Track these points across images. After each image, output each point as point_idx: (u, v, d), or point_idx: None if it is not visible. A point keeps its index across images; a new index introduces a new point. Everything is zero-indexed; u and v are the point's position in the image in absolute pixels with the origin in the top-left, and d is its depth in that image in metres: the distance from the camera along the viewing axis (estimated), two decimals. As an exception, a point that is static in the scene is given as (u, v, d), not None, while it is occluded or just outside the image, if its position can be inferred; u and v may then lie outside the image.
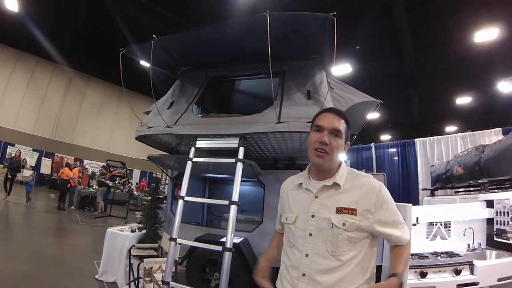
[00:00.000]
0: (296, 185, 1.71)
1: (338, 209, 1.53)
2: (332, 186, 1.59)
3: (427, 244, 3.95)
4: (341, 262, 1.48)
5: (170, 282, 3.21)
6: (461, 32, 9.91)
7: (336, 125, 1.60)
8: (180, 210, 3.32)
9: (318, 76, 3.57)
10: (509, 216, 3.70)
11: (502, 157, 4.03)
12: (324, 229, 1.52)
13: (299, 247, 1.56)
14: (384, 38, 10.56)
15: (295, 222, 1.62)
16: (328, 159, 1.58)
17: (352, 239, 1.50)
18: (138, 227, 5.00)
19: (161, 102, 4.31)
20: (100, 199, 12.36)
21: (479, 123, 9.03)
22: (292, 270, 1.56)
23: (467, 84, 12.90)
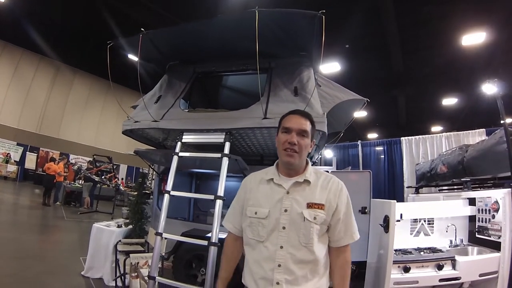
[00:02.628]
0: (265, 180, 1.78)
1: (309, 204, 1.65)
2: (303, 183, 1.71)
3: (411, 240, 4.03)
4: (312, 252, 1.62)
5: (156, 277, 3.20)
6: (448, 36, 10.09)
7: (303, 126, 1.72)
8: (166, 204, 3.31)
9: (305, 73, 3.61)
10: (491, 213, 3.78)
11: (485, 157, 4.12)
12: (297, 222, 1.63)
13: (273, 240, 1.64)
14: (374, 39, 10.67)
15: (268, 217, 1.67)
16: (297, 157, 1.69)
17: (320, 232, 1.65)
18: (124, 222, 4.95)
19: (148, 96, 4.28)
20: (86, 195, 12.15)
21: (464, 124, 9.24)
22: (266, 263, 1.63)
23: (453, 86, 13.14)
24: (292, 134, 1.70)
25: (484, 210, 3.92)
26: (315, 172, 1.78)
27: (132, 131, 3.99)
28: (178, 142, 3.49)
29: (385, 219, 3.36)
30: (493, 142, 4.00)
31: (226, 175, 3.29)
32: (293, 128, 1.71)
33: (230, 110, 3.61)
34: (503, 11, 8.95)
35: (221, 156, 3.26)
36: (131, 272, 3.89)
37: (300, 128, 1.71)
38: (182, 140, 3.51)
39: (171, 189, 3.36)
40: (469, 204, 4.13)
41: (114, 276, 4.23)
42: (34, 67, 18.77)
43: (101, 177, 12.88)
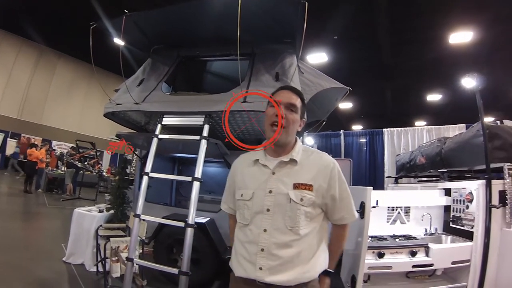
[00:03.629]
0: (252, 161, 1.71)
1: (296, 185, 1.57)
2: (289, 162, 1.62)
3: (387, 227, 4.12)
4: (299, 236, 1.53)
5: (134, 258, 3.20)
6: (437, 32, 10.21)
7: (292, 100, 1.65)
8: (145, 186, 3.31)
9: (288, 59, 3.63)
10: (465, 204, 3.88)
11: (462, 149, 4.21)
12: (282, 204, 1.55)
13: (257, 223, 1.57)
14: (363, 30, 10.70)
15: (252, 198, 1.62)
16: (284, 132, 1.61)
17: (309, 214, 1.56)
18: (106, 207, 4.92)
19: (131, 79, 4.26)
20: (68, 181, 12.00)
21: (448, 119, 9.38)
22: (250, 246, 1.57)
23: (438, 82, 13.36)
24: (281, 107, 1.62)
25: (458, 201, 4.03)
26: (305, 150, 1.69)
27: (113, 113, 3.96)
28: (158, 125, 3.49)
29: (361, 205, 3.43)
30: (470, 135, 4.09)
31: (208, 160, 3.30)
32: (281, 101, 1.64)
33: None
34: (490, 12, 9.11)
35: (200, 139, 3.26)
36: (112, 256, 3.87)
37: (289, 102, 1.64)
38: (162, 123, 3.50)
39: (150, 171, 3.33)
40: (445, 195, 4.24)
41: (96, 262, 4.21)
42: (16, 51, 18.05)
43: (84, 163, 12.69)
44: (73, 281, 4.04)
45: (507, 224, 3.51)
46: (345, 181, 1.69)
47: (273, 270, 1.50)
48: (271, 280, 1.49)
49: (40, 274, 4.08)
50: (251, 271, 1.54)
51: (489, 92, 11.58)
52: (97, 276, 4.19)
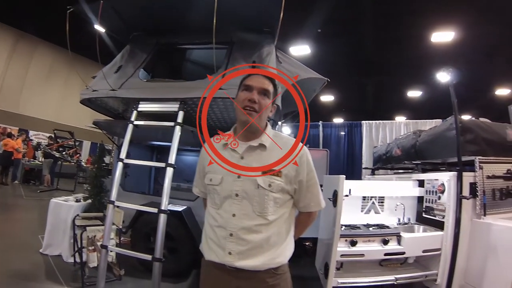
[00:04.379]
0: (221, 145, 1.69)
1: (264, 170, 1.56)
2: (258, 147, 1.62)
3: (361, 217, 4.22)
4: (267, 221, 1.53)
5: (109, 246, 3.18)
6: (420, 31, 10.33)
7: (265, 85, 1.63)
8: (119, 173, 3.28)
9: (266, 48, 3.66)
10: (437, 195, 4.00)
11: (435, 142, 4.33)
12: (250, 189, 1.54)
13: (226, 208, 1.57)
14: (347, 25, 10.75)
15: (221, 183, 1.60)
16: (257, 117, 1.60)
17: (278, 200, 1.56)
18: (83, 196, 4.84)
19: (109, 66, 4.21)
20: (46, 172, 11.68)
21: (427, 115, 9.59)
22: (219, 230, 1.56)
23: (419, 79, 13.58)
24: (253, 92, 1.60)
25: (431, 192, 4.14)
26: (275, 136, 1.68)
27: (90, 100, 3.91)
28: (134, 111, 3.46)
29: (334, 193, 3.49)
30: (444, 128, 4.20)
31: (186, 148, 3.30)
32: (254, 86, 1.61)
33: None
34: (471, 14, 9.32)
35: (174, 125, 3.25)
36: (88, 245, 3.84)
37: (262, 87, 1.62)
38: (138, 109, 3.48)
39: (125, 158, 3.31)
40: (419, 186, 4.35)
41: (73, 252, 4.15)
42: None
43: (62, 153, 12.40)
44: (50, 273, 3.96)
45: (477, 215, 3.64)
46: (314, 169, 1.68)
47: (243, 255, 1.50)
48: (240, 265, 1.50)
49: (16, 266, 3.99)
50: (220, 256, 1.54)
51: (468, 91, 11.96)
52: (75, 267, 4.13)
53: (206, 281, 1.66)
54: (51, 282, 3.74)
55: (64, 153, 12.66)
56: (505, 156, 3.97)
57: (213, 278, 1.61)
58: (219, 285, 1.58)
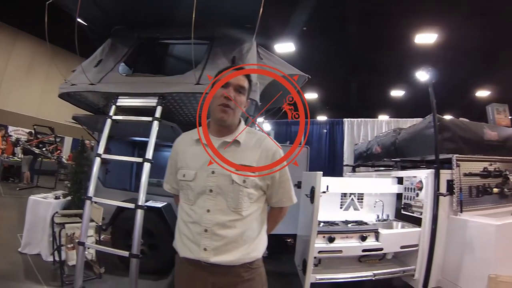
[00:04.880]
0: (194, 140, 1.69)
1: (239, 166, 1.56)
2: (233, 143, 1.62)
3: (340, 213, 4.26)
4: (241, 217, 1.55)
5: (86, 242, 3.14)
6: (404, 31, 10.48)
7: (241, 82, 1.64)
8: (97, 168, 3.24)
9: (246, 44, 3.67)
10: (415, 192, 4.07)
11: (414, 139, 4.41)
12: (225, 185, 1.54)
13: (201, 204, 1.56)
14: (333, 23, 10.81)
15: (194, 179, 1.59)
16: (232, 114, 1.60)
17: (252, 195, 1.58)
18: (62, 193, 4.75)
19: (89, 60, 4.14)
20: (25, 169, 11.37)
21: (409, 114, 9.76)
22: (194, 226, 1.56)
23: (403, 79, 13.76)
24: (230, 88, 1.60)
25: (409, 189, 4.20)
26: (248, 132, 1.68)
27: (69, 94, 3.85)
28: (112, 106, 3.42)
29: (311, 190, 3.51)
30: (423, 126, 4.28)
31: (167, 144, 3.28)
32: (230, 82, 1.61)
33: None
34: (454, 17, 9.52)
35: (152, 120, 3.23)
36: (67, 243, 3.78)
37: (238, 84, 1.62)
38: (117, 104, 3.44)
39: (103, 153, 3.27)
40: (398, 183, 4.41)
41: (52, 251, 4.06)
42: (-34, 27, 16.72)
43: (42, 149, 12.11)
44: (29, 272, 3.88)
45: (454, 212, 3.73)
46: (286, 167, 1.71)
47: (218, 250, 1.51)
48: (215, 261, 1.50)
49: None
50: (195, 252, 1.53)
51: (450, 92, 12.23)
52: (54, 265, 4.03)
53: (181, 278, 1.65)
54: (30, 282, 3.66)
55: (44, 149, 12.35)
56: (482, 154, 4.08)
57: (188, 275, 1.60)
58: (195, 282, 1.57)
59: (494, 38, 10.43)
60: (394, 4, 9.48)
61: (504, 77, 12.75)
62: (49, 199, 4.52)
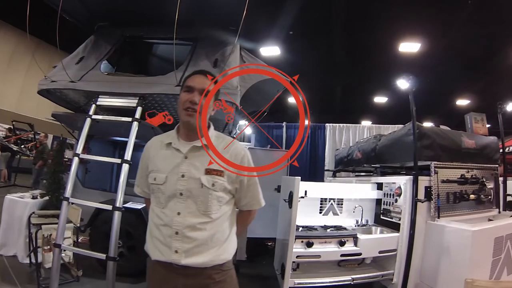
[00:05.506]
0: (165, 144, 1.70)
1: (207, 170, 1.59)
2: (202, 148, 1.64)
3: (319, 218, 4.28)
4: (211, 219, 1.58)
5: (62, 244, 3.07)
6: (388, 39, 10.66)
7: (205, 85, 1.65)
8: (75, 168, 3.18)
9: (230, 47, 3.67)
10: (394, 198, 4.14)
11: (394, 146, 4.46)
12: (194, 188, 1.58)
13: (171, 207, 1.59)
14: (318, 28, 10.88)
15: (165, 183, 1.62)
16: (198, 118, 1.62)
17: (221, 199, 1.62)
18: (40, 193, 4.63)
19: (71, 56, 4.08)
20: (3, 166, 11.07)
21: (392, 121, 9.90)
22: (165, 229, 1.58)
23: (386, 86, 14.00)
24: (194, 93, 1.62)
25: (389, 195, 4.27)
26: (217, 137, 1.73)
27: (48, 91, 3.77)
28: (92, 105, 3.36)
29: (289, 194, 3.52)
30: (403, 133, 4.33)
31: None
32: (195, 87, 1.64)
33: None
34: (436, 29, 9.75)
35: (132, 121, 3.19)
36: (44, 245, 3.69)
37: (202, 87, 1.64)
38: (97, 103, 3.39)
39: (82, 152, 3.20)
40: (378, 189, 4.47)
41: (28, 252, 3.97)
42: None
43: (20, 146, 11.80)
44: (4, 274, 3.79)
45: (431, 217, 3.79)
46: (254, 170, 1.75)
47: (189, 252, 1.54)
48: (187, 263, 1.53)
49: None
50: (167, 254, 1.55)
51: (432, 99, 12.51)
52: (30, 268, 3.95)
53: (153, 281, 1.66)
54: (6, 284, 3.58)
55: (22, 146, 12.05)
56: (460, 162, 4.16)
57: (160, 278, 1.61)
58: (167, 284, 1.58)
59: (475, 49, 10.73)
60: (380, 11, 9.63)
61: (483, 86, 13.15)
62: (26, 199, 4.42)
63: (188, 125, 1.63)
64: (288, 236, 3.38)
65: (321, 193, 4.29)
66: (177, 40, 3.63)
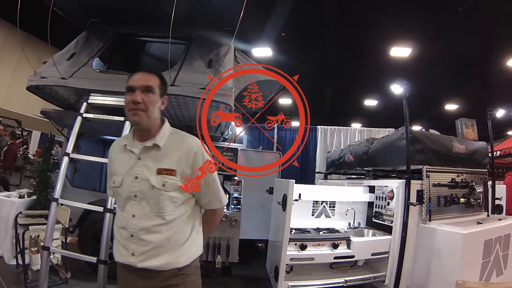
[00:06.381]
0: (122, 147, 1.68)
1: (159, 170, 1.56)
2: (153, 147, 1.61)
3: (312, 221, 4.29)
4: (166, 221, 1.55)
5: (51, 247, 2.99)
6: (380, 43, 10.77)
7: (147, 82, 1.59)
8: (65, 168, 3.10)
9: (224, 48, 3.64)
10: (386, 201, 4.19)
11: (386, 150, 4.48)
12: (146, 190, 1.55)
13: (128, 209, 1.58)
14: (310, 30, 10.92)
15: (121, 185, 1.61)
16: (144, 116, 1.56)
17: (175, 199, 1.57)
18: (27, 192, 4.51)
19: (61, 52, 3.98)
20: (-12, 163, 10.81)
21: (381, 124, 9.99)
22: (123, 231, 1.59)
23: (376, 89, 14.13)
24: (136, 92, 1.56)
25: (381, 198, 4.32)
26: (172, 134, 1.68)
27: (38, 88, 3.68)
28: (83, 103, 3.29)
29: (283, 197, 3.52)
30: (395, 137, 4.36)
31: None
32: (135, 86, 1.57)
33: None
34: (426, 34, 9.90)
35: (124, 120, 3.14)
36: (31, 246, 3.60)
37: (144, 85, 1.57)
38: (88, 101, 3.31)
39: (72, 152, 3.13)
40: (370, 192, 4.51)
41: (15, 253, 3.86)
42: None
43: (7, 143, 11.49)
44: (-10, 276, 3.67)
45: (423, 220, 3.82)
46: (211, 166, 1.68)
47: (145, 255, 1.52)
48: (143, 265, 1.53)
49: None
50: (125, 256, 1.57)
51: (421, 103, 12.66)
52: (17, 269, 3.85)
53: (119, 282, 1.69)
54: (-8, 286, 3.47)
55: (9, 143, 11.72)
56: (450, 166, 4.22)
57: (122, 279, 1.64)
58: (127, 286, 1.61)
59: (465, 55, 10.92)
60: (372, 15, 9.71)
61: (471, 92, 13.38)
62: (12, 198, 4.32)
63: (135, 123, 1.60)
64: (282, 239, 3.37)
65: (314, 195, 4.30)
66: (171, 39, 3.60)
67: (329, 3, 9.22)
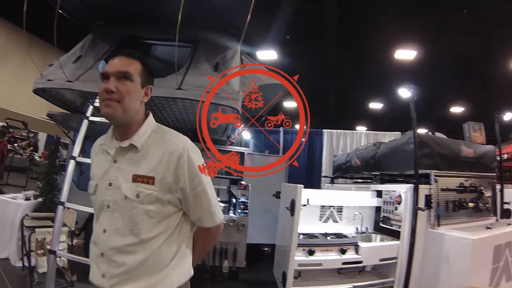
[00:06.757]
0: (99, 147, 1.43)
1: (134, 176, 1.27)
2: (130, 148, 1.31)
3: (320, 225, 4.24)
4: (140, 240, 1.25)
5: (57, 250, 2.97)
6: (385, 46, 10.72)
7: (123, 67, 1.28)
8: (71, 171, 3.09)
9: (230, 51, 3.64)
10: (394, 205, 4.13)
11: (394, 154, 4.46)
12: (120, 200, 1.27)
13: (101, 222, 1.31)
14: (315, 32, 10.91)
15: (95, 192, 1.35)
16: (119, 108, 1.25)
17: (153, 213, 1.26)
18: (33, 194, 4.51)
19: (67, 55, 4.00)
20: (-5, 165, 10.86)
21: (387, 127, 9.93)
22: (93, 247, 1.33)
23: (382, 92, 14.08)
24: (110, 79, 1.26)
25: (388, 202, 4.26)
26: (155, 131, 1.36)
27: (44, 90, 3.68)
28: (90, 106, 3.28)
29: (291, 202, 3.49)
30: (403, 141, 4.34)
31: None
32: (110, 71, 1.27)
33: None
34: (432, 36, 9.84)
35: None
36: (37, 249, 3.60)
37: (120, 70, 1.26)
38: (95, 104, 3.29)
39: (78, 155, 3.11)
40: (377, 196, 4.46)
41: (21, 255, 3.86)
42: None
43: (13, 145, 11.56)
44: (-4, 277, 3.68)
45: (431, 225, 3.79)
46: (200, 173, 1.34)
47: (117, 278, 1.25)
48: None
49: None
50: (96, 277, 1.31)
51: (426, 106, 12.58)
52: (23, 271, 3.83)
53: None
54: (-2, 288, 3.48)
55: (16, 145, 11.81)
56: (458, 170, 4.18)
57: None
58: None
59: (470, 57, 10.84)
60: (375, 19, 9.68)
61: (477, 94, 13.28)
62: (18, 200, 4.32)
63: (108, 117, 1.28)
64: (290, 244, 3.35)
65: (322, 200, 4.26)
66: (177, 42, 3.59)
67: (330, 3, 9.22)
